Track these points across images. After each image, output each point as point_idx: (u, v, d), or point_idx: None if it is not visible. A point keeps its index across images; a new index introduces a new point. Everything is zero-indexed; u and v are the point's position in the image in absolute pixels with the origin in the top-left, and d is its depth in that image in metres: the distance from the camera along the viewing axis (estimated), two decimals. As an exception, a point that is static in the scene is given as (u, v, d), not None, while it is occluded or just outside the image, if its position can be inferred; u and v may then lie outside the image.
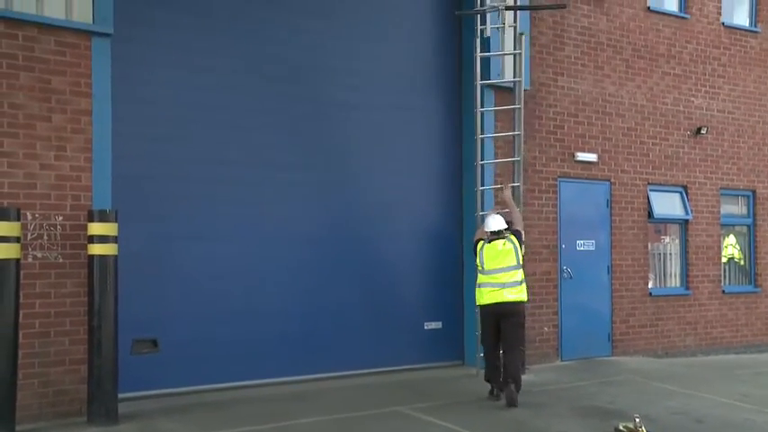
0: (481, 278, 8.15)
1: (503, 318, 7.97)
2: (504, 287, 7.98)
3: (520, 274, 8.08)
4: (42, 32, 7.09)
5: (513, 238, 8.20)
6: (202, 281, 8.27)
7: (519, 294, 8.01)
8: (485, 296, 8.08)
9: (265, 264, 8.64)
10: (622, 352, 10.97)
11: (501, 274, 8.03)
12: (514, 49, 9.46)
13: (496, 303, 7.98)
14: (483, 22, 9.41)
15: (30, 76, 7.05)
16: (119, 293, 7.08)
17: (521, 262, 8.11)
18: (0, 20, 6.89)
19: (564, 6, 9.76)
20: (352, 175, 9.31)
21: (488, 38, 9.52)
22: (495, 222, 8.26)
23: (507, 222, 8.36)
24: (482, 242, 8.28)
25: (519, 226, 8.41)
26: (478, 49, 9.32)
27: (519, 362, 8.10)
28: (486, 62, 9.64)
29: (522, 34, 9.37)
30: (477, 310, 8.44)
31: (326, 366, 8.97)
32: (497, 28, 9.50)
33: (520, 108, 9.34)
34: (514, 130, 9.44)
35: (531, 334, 9.94)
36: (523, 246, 8.31)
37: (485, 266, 8.11)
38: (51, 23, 7.09)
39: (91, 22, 7.27)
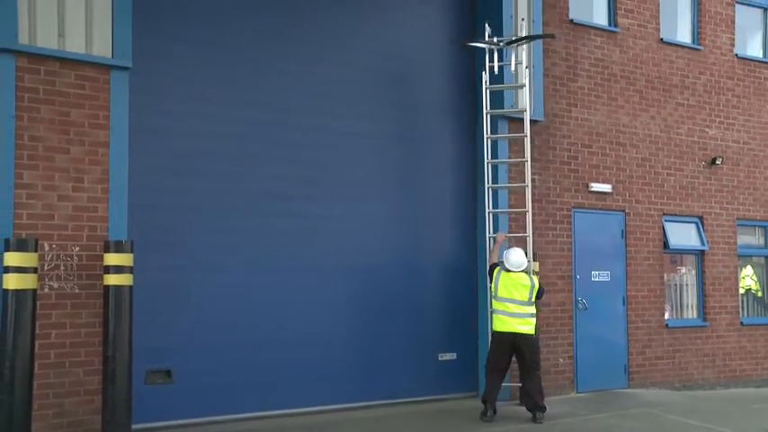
0: (494, 304, 8.54)
1: (519, 344, 8.37)
2: (514, 317, 8.37)
3: (532, 309, 8.46)
4: (63, 66, 7.23)
5: (534, 278, 8.60)
6: (217, 311, 8.29)
7: (530, 327, 8.42)
8: (497, 324, 8.48)
9: (279, 295, 8.65)
10: (639, 384, 10.84)
11: (512, 305, 8.40)
12: (523, 82, 9.57)
13: (509, 332, 8.38)
14: (492, 59, 9.56)
15: (50, 109, 7.18)
16: (133, 323, 7.11)
17: (533, 300, 8.50)
18: (24, 55, 7.04)
19: (553, 36, 10.03)
20: (368, 205, 9.34)
21: (501, 68, 9.63)
22: (517, 258, 8.55)
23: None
24: (499, 268, 8.58)
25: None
26: (487, 81, 9.52)
27: (539, 385, 8.48)
28: (498, 92, 9.74)
29: (527, 68, 9.54)
30: (490, 334, 8.71)
31: (341, 397, 8.93)
32: (507, 64, 9.68)
33: (526, 136, 9.47)
34: (525, 156, 9.51)
35: (546, 365, 9.85)
36: (540, 296, 8.69)
37: (498, 293, 8.47)
38: (72, 58, 7.24)
39: (110, 56, 7.41)
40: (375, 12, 9.60)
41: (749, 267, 12.45)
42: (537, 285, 8.52)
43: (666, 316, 11.33)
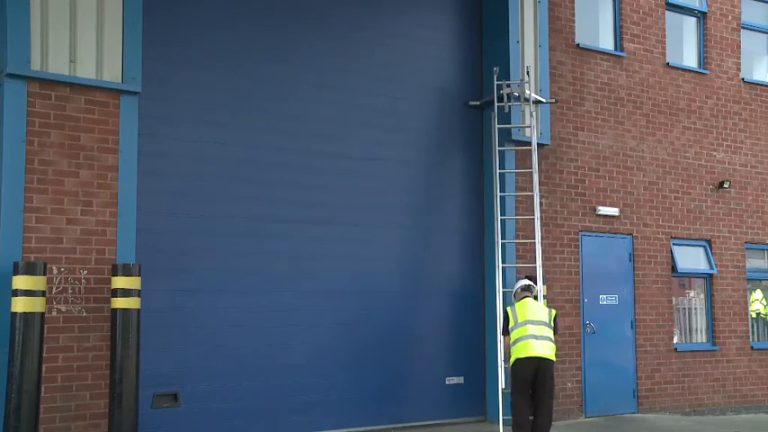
0: (515, 334, 8.03)
1: (540, 370, 7.86)
2: (536, 339, 7.88)
3: (551, 332, 8.03)
4: (74, 92, 7.31)
5: (551, 309, 8.37)
6: (224, 335, 8.29)
7: (551, 352, 7.94)
8: (519, 351, 7.92)
9: (286, 318, 8.65)
10: (648, 409, 10.74)
11: (532, 327, 7.93)
12: (530, 121, 9.72)
13: (532, 358, 7.84)
14: (501, 99, 9.65)
15: (60, 133, 7.24)
16: (140, 347, 7.11)
17: (552, 324, 8.09)
18: (35, 81, 7.12)
19: (555, 102, 10.24)
20: (375, 230, 9.35)
21: (510, 105, 9.73)
22: (525, 282, 8.53)
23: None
24: (510, 308, 8.29)
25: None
26: (495, 119, 9.61)
27: (550, 415, 7.98)
28: (508, 122, 9.77)
29: (535, 102, 9.67)
30: (507, 365, 8.25)
31: (349, 421, 8.89)
32: (517, 104, 9.77)
33: (532, 171, 9.53)
34: (533, 191, 9.52)
35: (555, 390, 9.77)
36: (557, 326, 8.47)
37: (517, 319, 8.05)
38: (83, 83, 7.32)
39: (120, 81, 7.49)
40: (381, 37, 9.64)
41: (758, 291, 12.37)
42: (554, 312, 8.24)
43: (675, 340, 11.26)
